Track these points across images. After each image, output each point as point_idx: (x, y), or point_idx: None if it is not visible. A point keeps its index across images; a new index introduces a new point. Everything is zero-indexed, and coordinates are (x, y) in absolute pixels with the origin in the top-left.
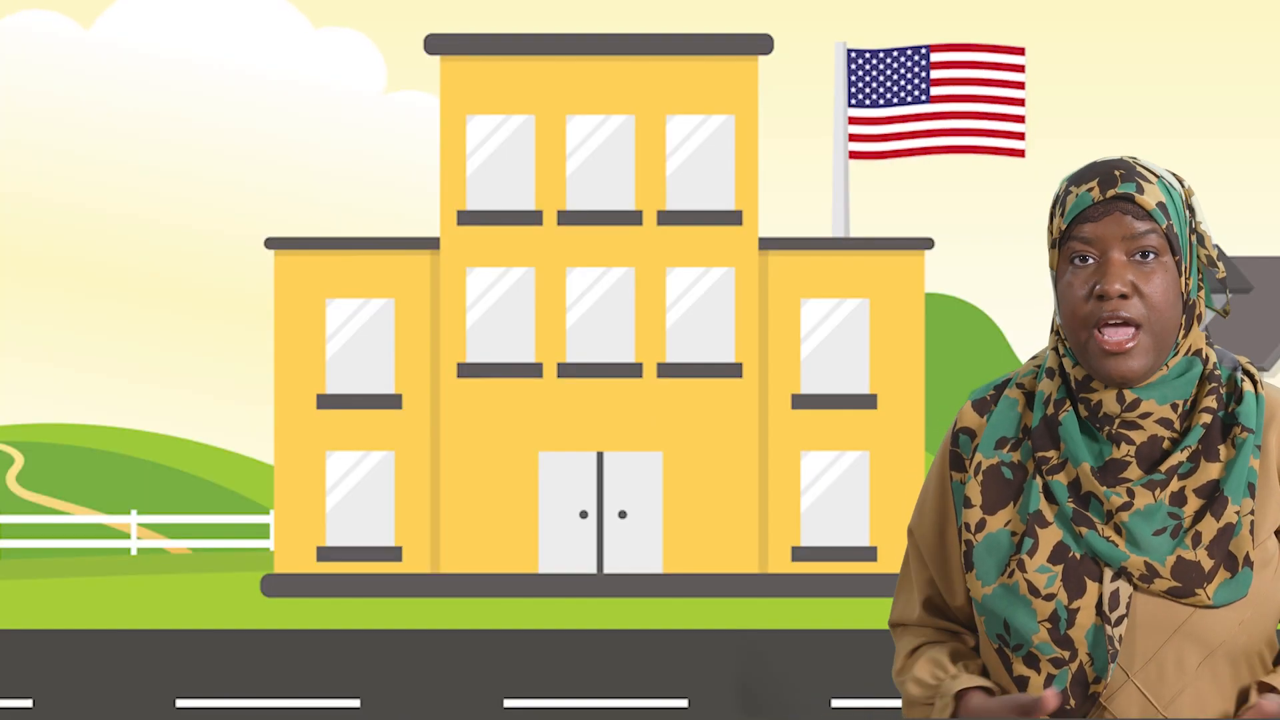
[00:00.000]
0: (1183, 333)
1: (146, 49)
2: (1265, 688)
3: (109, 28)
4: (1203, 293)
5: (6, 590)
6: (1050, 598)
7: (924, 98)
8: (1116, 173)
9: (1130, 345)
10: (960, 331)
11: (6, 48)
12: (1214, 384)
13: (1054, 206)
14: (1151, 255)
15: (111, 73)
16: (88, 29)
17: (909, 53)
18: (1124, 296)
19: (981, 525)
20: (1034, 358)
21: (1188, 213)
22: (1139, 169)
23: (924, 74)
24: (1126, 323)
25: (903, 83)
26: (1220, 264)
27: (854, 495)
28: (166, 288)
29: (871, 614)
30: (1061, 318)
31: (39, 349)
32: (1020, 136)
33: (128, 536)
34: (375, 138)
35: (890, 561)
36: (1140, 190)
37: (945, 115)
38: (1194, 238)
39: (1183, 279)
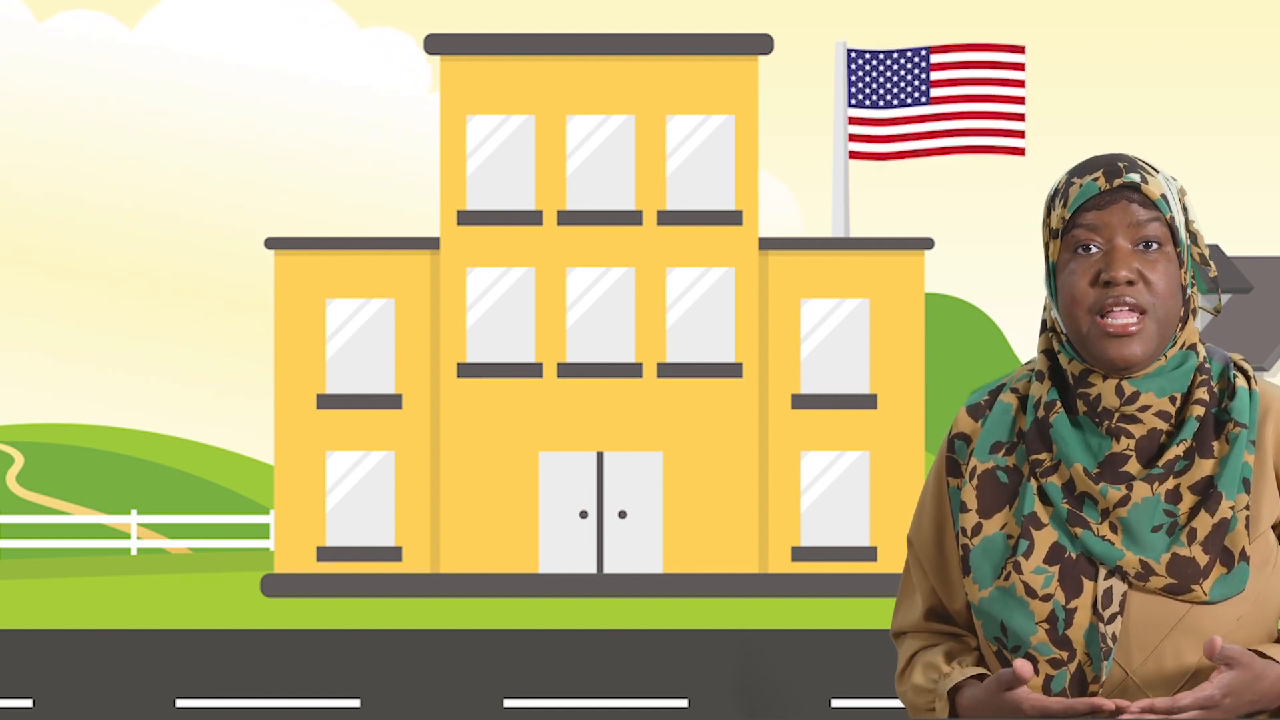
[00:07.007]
0: (1180, 325)
1: (191, 49)
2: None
3: (153, 28)
4: (1196, 289)
5: (6, 590)
6: (1047, 598)
7: (924, 99)
8: (1120, 164)
9: (1135, 329)
10: (960, 331)
11: (51, 48)
12: (1205, 376)
13: (1053, 199)
14: (1155, 245)
15: (154, 73)
16: (132, 29)
17: (909, 54)
18: (1130, 283)
19: (978, 529)
20: (1028, 362)
21: (1183, 210)
22: (1140, 163)
23: (924, 75)
24: (1132, 309)
25: (903, 84)
26: (1211, 263)
27: (854, 495)
28: (168, 288)
29: (871, 614)
30: (1062, 306)
31: (39, 349)
32: (1020, 135)
33: (128, 536)
34: (418, 139)
35: (890, 561)
36: (1145, 181)
37: (945, 116)
38: (1188, 235)
39: (1182, 271)
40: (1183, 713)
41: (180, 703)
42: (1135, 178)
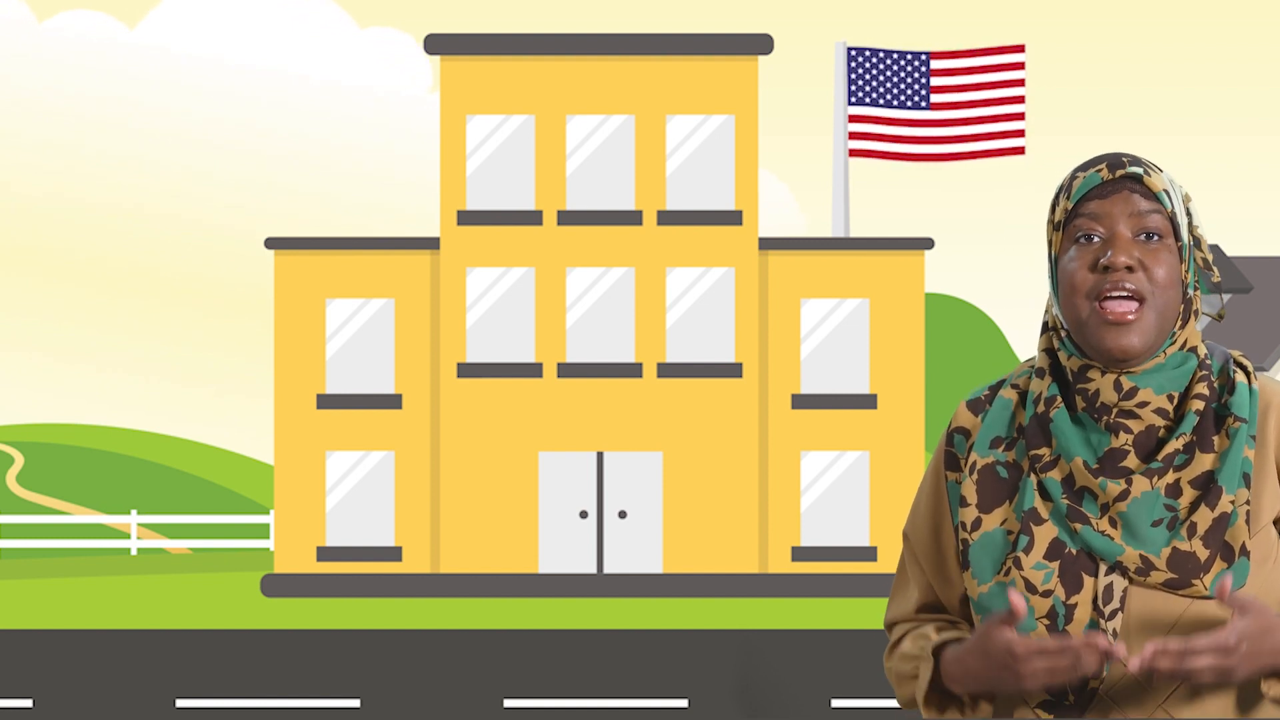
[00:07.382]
0: (1180, 322)
1: (191, 49)
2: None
3: (153, 28)
4: (1198, 292)
5: (6, 590)
6: (1048, 594)
7: (924, 104)
8: (1124, 159)
9: (1132, 318)
10: (960, 331)
11: (51, 48)
12: (1205, 372)
13: (1058, 194)
14: (1156, 237)
15: (154, 73)
16: (132, 29)
17: (909, 58)
18: (1130, 270)
19: (977, 524)
20: (1028, 360)
21: (1186, 212)
22: (1144, 160)
23: (924, 80)
24: (1131, 296)
25: (903, 86)
26: (1215, 269)
27: (854, 495)
28: (168, 288)
29: (872, 614)
30: (1061, 294)
31: (39, 349)
32: (1020, 134)
33: (128, 536)
34: (418, 139)
35: (890, 562)
36: (1148, 174)
37: (946, 123)
38: (1191, 238)
39: (1183, 267)
40: (1197, 655)
41: (180, 703)
42: (1138, 170)
